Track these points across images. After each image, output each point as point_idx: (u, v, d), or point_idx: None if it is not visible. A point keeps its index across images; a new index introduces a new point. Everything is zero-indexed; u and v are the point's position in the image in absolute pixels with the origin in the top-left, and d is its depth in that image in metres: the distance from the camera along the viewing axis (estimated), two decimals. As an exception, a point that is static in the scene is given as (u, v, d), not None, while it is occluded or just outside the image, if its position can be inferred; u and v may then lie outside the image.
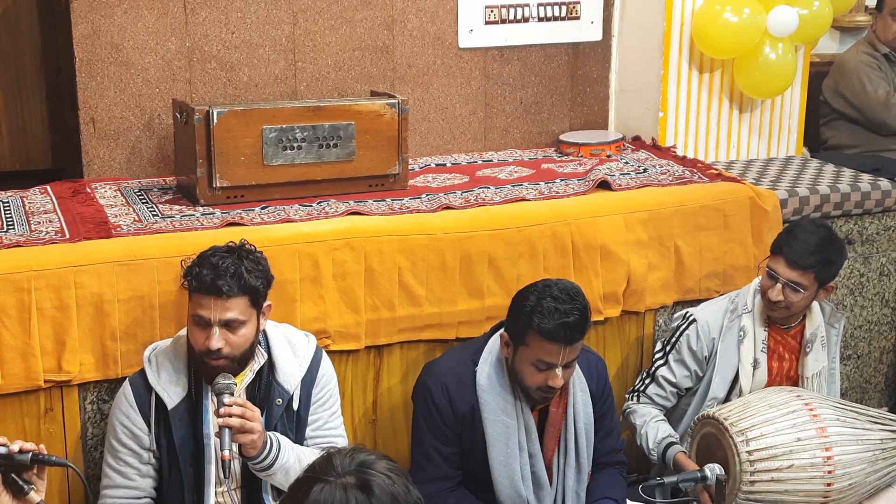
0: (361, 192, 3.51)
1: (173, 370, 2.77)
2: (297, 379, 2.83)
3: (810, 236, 3.16)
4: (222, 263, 2.68)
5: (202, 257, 2.72)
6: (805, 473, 2.96)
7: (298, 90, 3.84)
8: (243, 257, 2.73)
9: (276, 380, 2.81)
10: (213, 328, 2.67)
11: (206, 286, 2.66)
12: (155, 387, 2.74)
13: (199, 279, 2.67)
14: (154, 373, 2.77)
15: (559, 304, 2.78)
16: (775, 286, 3.18)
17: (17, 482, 2.17)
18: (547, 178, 3.81)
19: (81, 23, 3.52)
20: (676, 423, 3.39)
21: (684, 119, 4.28)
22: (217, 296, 2.66)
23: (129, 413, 2.75)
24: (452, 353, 3.15)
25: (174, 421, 2.73)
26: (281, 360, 2.83)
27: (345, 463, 1.68)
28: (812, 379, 3.32)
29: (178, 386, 2.75)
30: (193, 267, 2.71)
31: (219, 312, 2.66)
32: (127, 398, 2.77)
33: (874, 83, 4.72)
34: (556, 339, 2.78)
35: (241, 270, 2.69)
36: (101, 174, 3.66)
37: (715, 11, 4.05)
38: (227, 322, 2.67)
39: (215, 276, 2.65)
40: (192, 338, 2.72)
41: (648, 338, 3.71)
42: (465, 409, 2.94)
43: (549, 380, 2.84)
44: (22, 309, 2.87)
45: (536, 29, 4.17)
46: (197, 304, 2.69)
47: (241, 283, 2.68)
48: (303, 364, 2.86)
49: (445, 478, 3.00)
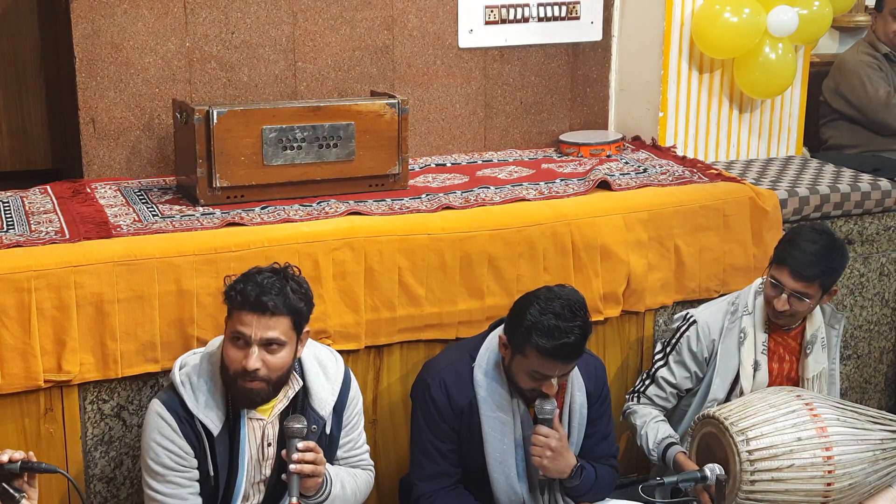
0: (361, 192, 3.51)
1: (210, 395, 2.70)
2: (330, 405, 2.80)
3: (813, 245, 3.14)
4: (267, 282, 2.62)
5: (247, 275, 2.67)
6: (805, 473, 2.96)
7: (298, 90, 3.84)
8: (288, 278, 2.67)
9: (312, 406, 2.77)
10: (252, 347, 2.61)
11: (250, 302, 2.60)
12: (196, 413, 2.68)
13: (243, 294, 2.61)
14: (192, 397, 2.69)
15: (560, 322, 2.75)
16: (781, 297, 3.17)
17: (7, 491, 2.17)
18: (547, 178, 3.80)
19: (81, 23, 3.52)
20: (676, 423, 3.38)
21: (684, 119, 4.27)
22: (261, 313, 2.60)
23: (172, 437, 2.68)
24: (450, 350, 3.16)
25: (217, 448, 2.70)
26: (315, 386, 2.79)
27: None
28: (812, 380, 3.32)
29: (218, 410, 2.70)
30: (237, 283, 2.65)
31: (261, 330, 2.60)
32: (168, 422, 2.68)
33: (874, 83, 4.72)
34: (555, 358, 2.79)
35: (287, 290, 2.64)
36: (100, 174, 3.65)
37: (715, 11, 4.05)
38: (267, 341, 2.61)
39: (260, 293, 2.60)
40: (228, 357, 2.65)
41: (648, 338, 3.71)
42: (463, 404, 2.95)
43: (544, 387, 2.85)
44: (22, 309, 2.86)
45: (536, 29, 4.17)
46: (238, 321, 2.63)
47: (286, 301, 2.63)
48: (335, 388, 2.83)
49: (444, 475, 3.00)
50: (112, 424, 3.05)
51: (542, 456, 2.89)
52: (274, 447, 2.76)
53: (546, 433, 2.89)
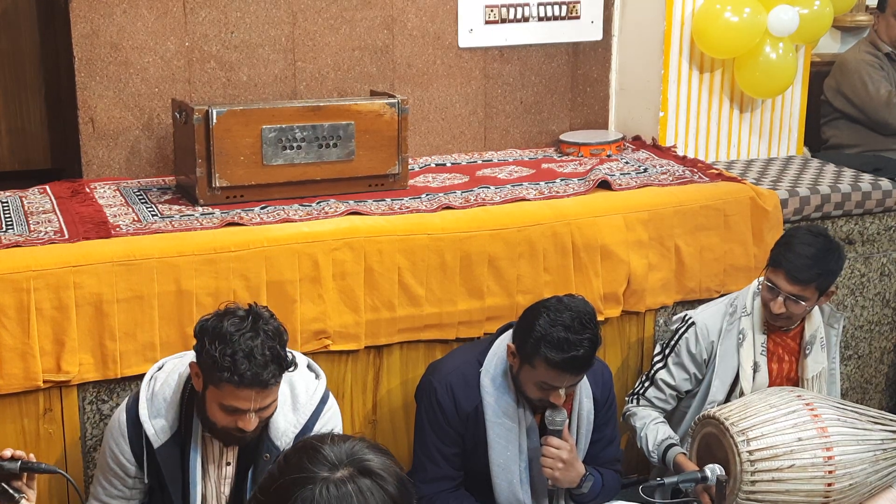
0: (361, 192, 3.50)
1: (164, 405, 2.60)
2: (289, 436, 2.63)
3: (808, 248, 3.13)
4: (255, 349, 2.40)
5: (227, 342, 2.41)
6: (806, 473, 2.96)
7: (298, 90, 3.83)
8: (265, 331, 2.45)
9: (269, 435, 2.62)
10: (248, 413, 2.46)
11: (247, 381, 2.40)
12: (143, 422, 2.59)
13: (238, 374, 2.39)
14: (146, 404, 2.60)
15: (570, 335, 2.73)
16: (777, 299, 3.17)
17: (7, 491, 2.17)
18: (547, 177, 3.80)
19: (80, 23, 3.52)
20: (676, 425, 3.38)
21: (684, 119, 4.27)
22: (261, 388, 2.43)
23: (118, 441, 2.63)
24: (458, 353, 3.15)
25: (161, 459, 2.60)
26: (276, 417, 2.61)
27: (338, 452, 1.54)
28: (812, 380, 3.31)
29: (165, 423, 2.59)
30: (222, 357, 2.40)
31: (260, 402, 2.45)
32: (120, 426, 2.63)
33: (876, 82, 4.72)
34: (564, 370, 2.77)
35: (276, 349, 2.44)
36: (100, 174, 3.65)
37: (715, 11, 4.05)
38: (265, 407, 2.49)
39: (256, 369, 2.40)
40: (216, 418, 2.50)
41: (649, 338, 3.70)
42: (469, 409, 2.94)
43: (552, 397, 2.84)
44: (21, 309, 2.86)
45: (536, 29, 4.17)
46: (231, 396, 2.43)
47: (281, 367, 2.45)
48: (300, 420, 2.66)
49: (446, 478, 2.99)
50: (111, 425, 3.05)
51: (554, 468, 2.88)
52: (233, 467, 2.66)
53: (557, 445, 2.88)
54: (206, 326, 2.48)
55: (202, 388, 2.53)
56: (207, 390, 2.51)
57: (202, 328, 2.49)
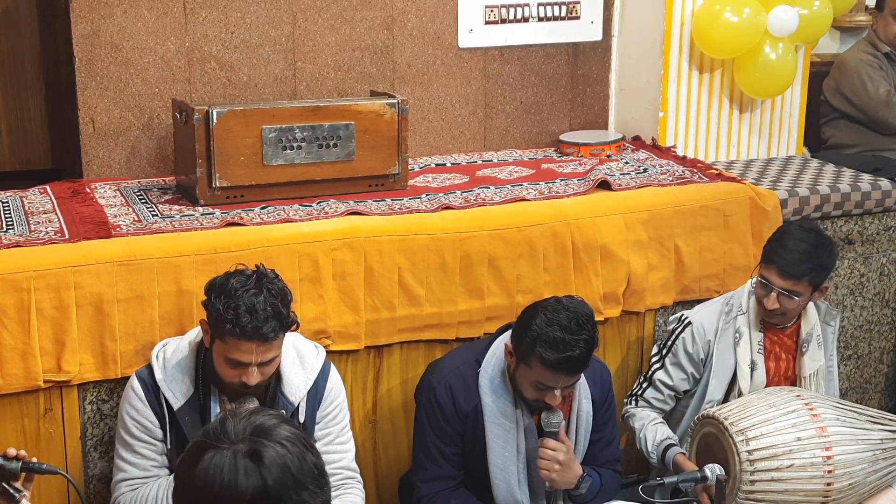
0: (361, 192, 3.51)
1: (178, 370, 2.73)
2: (302, 391, 2.79)
3: (800, 243, 3.14)
4: (258, 304, 2.54)
5: (231, 297, 2.56)
6: (805, 473, 2.96)
7: (298, 90, 3.83)
8: (268, 289, 2.59)
9: (282, 391, 2.77)
10: (251, 367, 2.59)
11: (248, 333, 2.54)
12: (161, 385, 2.72)
13: (239, 326, 2.53)
14: (161, 370, 2.74)
15: (566, 335, 2.74)
16: (770, 295, 3.17)
17: (7, 490, 2.18)
18: (547, 178, 3.80)
19: (81, 23, 3.52)
20: (675, 425, 3.38)
21: (684, 119, 4.27)
22: (261, 341, 2.56)
23: (139, 407, 2.73)
24: (457, 353, 3.15)
25: (182, 420, 2.71)
26: (287, 372, 2.78)
27: (239, 428, 1.61)
28: (810, 378, 3.31)
29: (183, 386, 2.72)
30: (226, 310, 2.55)
31: (261, 355, 2.58)
32: (136, 392, 2.74)
33: (875, 82, 4.73)
34: (558, 370, 2.78)
35: (278, 306, 2.57)
36: (100, 174, 3.65)
37: (715, 11, 4.05)
38: (267, 361, 2.62)
39: (257, 322, 2.53)
40: (222, 372, 2.65)
41: (648, 338, 3.71)
42: (468, 409, 2.94)
43: (547, 398, 2.84)
44: (21, 309, 2.86)
45: (536, 29, 4.17)
46: (234, 348, 2.57)
47: (282, 322, 2.58)
48: (310, 376, 2.81)
49: (446, 477, 3.00)
50: (112, 424, 3.04)
51: (551, 470, 2.89)
52: None
53: (554, 447, 2.89)
54: (214, 283, 2.65)
55: (210, 343, 2.67)
56: (214, 344, 2.64)
57: (210, 285, 2.66)
